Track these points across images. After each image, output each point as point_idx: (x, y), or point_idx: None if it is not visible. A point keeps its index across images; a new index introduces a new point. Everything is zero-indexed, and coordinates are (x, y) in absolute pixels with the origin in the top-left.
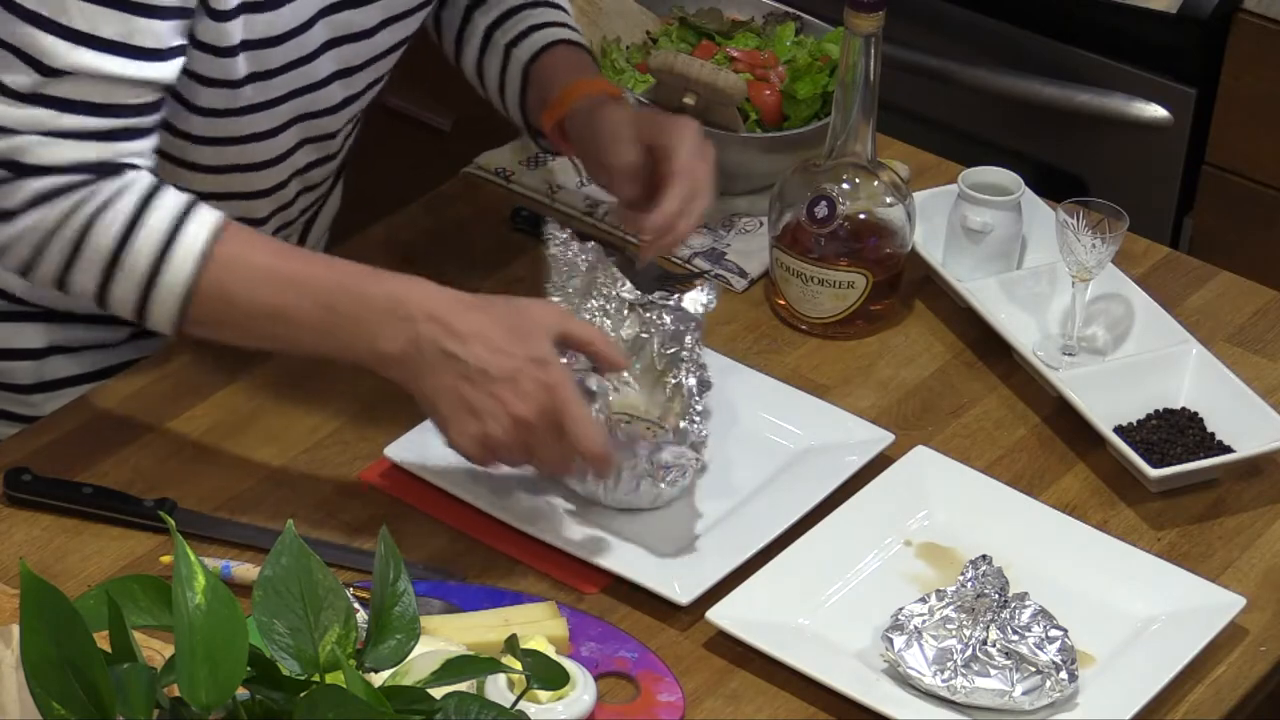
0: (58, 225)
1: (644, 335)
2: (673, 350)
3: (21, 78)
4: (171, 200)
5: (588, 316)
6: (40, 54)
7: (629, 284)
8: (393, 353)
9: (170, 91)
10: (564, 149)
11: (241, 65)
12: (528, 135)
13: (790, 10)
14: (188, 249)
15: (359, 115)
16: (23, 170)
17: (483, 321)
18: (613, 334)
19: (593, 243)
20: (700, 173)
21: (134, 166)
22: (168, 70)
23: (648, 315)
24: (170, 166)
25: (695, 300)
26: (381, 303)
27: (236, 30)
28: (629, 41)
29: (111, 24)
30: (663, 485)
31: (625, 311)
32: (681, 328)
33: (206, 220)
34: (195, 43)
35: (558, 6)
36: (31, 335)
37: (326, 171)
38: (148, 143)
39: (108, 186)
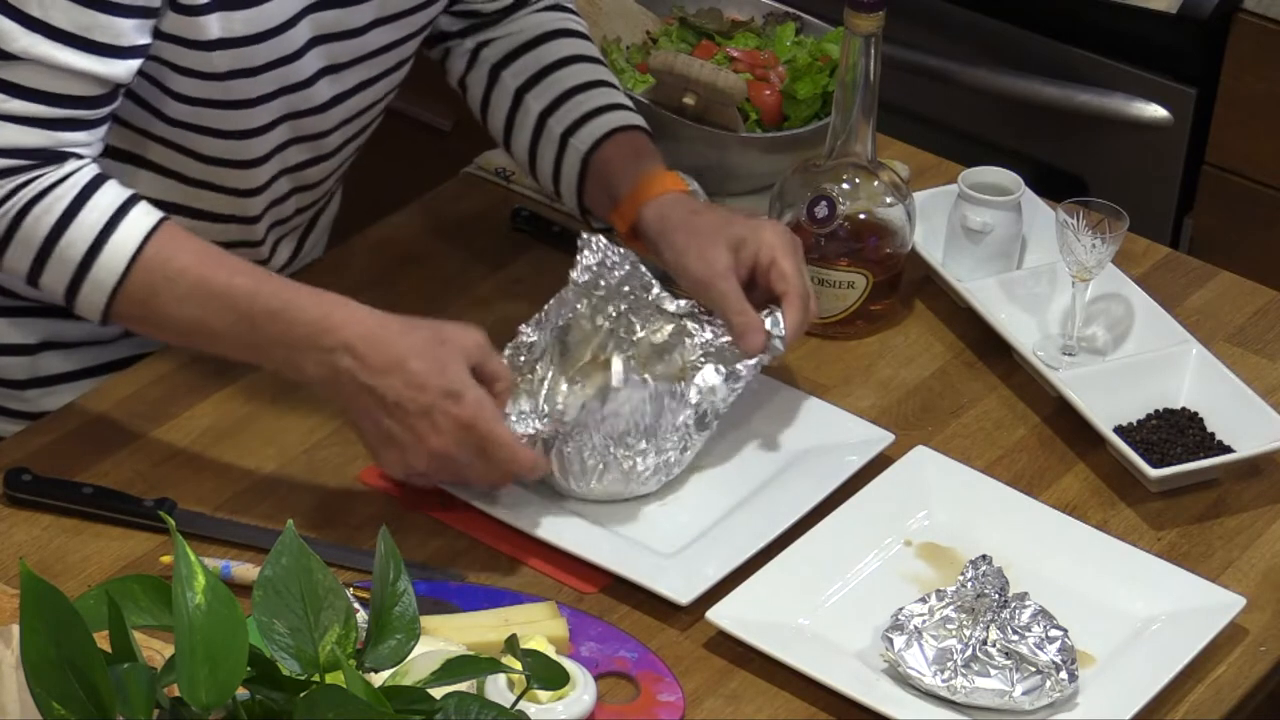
0: None
1: (672, 342)
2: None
3: None
4: (110, 195)
5: (609, 317)
6: None
7: (659, 289)
8: (315, 379)
9: (146, 77)
10: (636, 248)
11: (220, 60)
12: (581, 218)
13: (790, 10)
14: (119, 246)
15: (358, 118)
16: None
17: (399, 353)
18: (638, 335)
19: (624, 248)
20: (802, 282)
21: (77, 156)
22: (122, 67)
23: (690, 325)
24: (167, 150)
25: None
26: (302, 330)
27: (212, 26)
28: (629, 41)
29: (71, 15)
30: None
31: (656, 318)
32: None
33: (141, 219)
34: (164, 35)
35: (613, 86)
36: (24, 331)
37: (322, 172)
38: (94, 134)
39: (48, 174)
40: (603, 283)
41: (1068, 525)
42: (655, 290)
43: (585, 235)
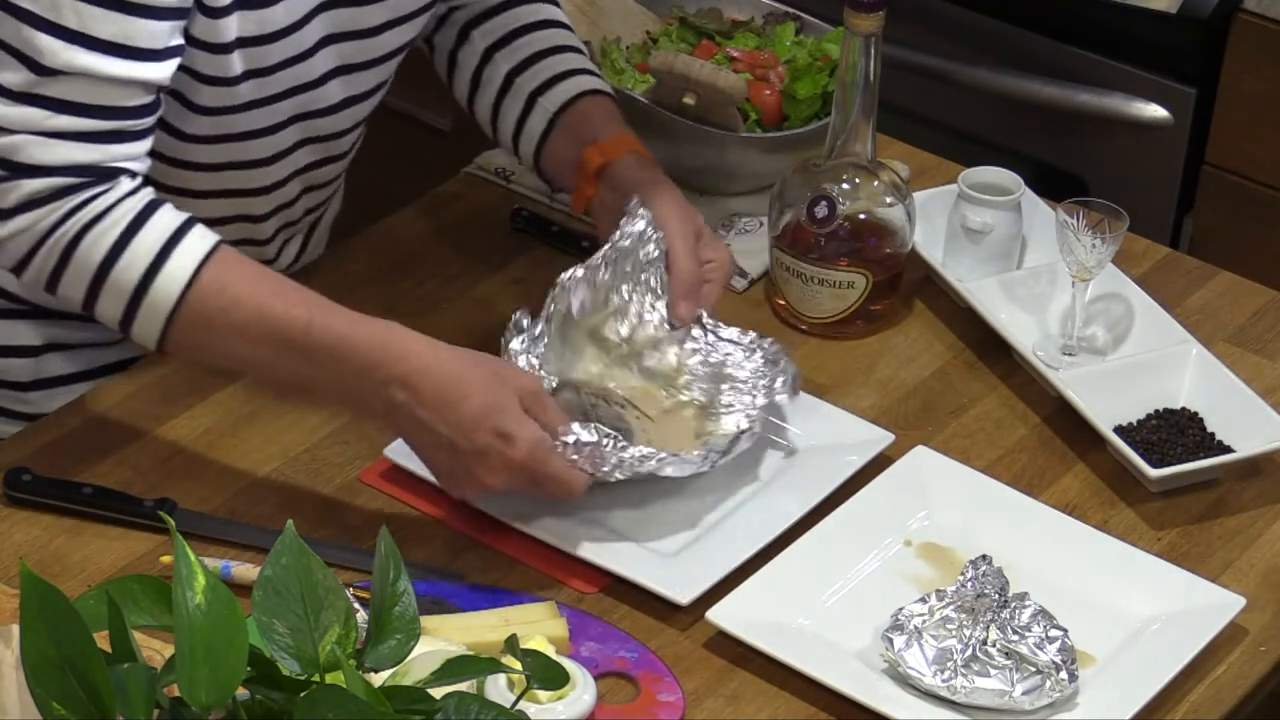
0: (50, 231)
1: (670, 339)
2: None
3: (15, 76)
4: (166, 218)
5: (623, 294)
6: (35, 53)
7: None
8: (373, 413)
9: (168, 91)
10: (590, 199)
11: (237, 62)
12: (539, 178)
13: (790, 10)
14: (175, 273)
15: (368, 120)
16: (17, 170)
17: (454, 392)
18: (650, 312)
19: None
20: (693, 268)
21: (129, 173)
22: (163, 70)
23: (693, 329)
24: (165, 166)
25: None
26: (357, 364)
27: (231, 27)
28: (629, 41)
29: (107, 24)
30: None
31: (666, 311)
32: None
33: (197, 244)
34: (191, 40)
35: (580, 52)
36: (28, 333)
37: (332, 173)
38: (142, 146)
39: (103, 196)
40: (631, 257)
41: (1068, 525)
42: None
43: (635, 201)
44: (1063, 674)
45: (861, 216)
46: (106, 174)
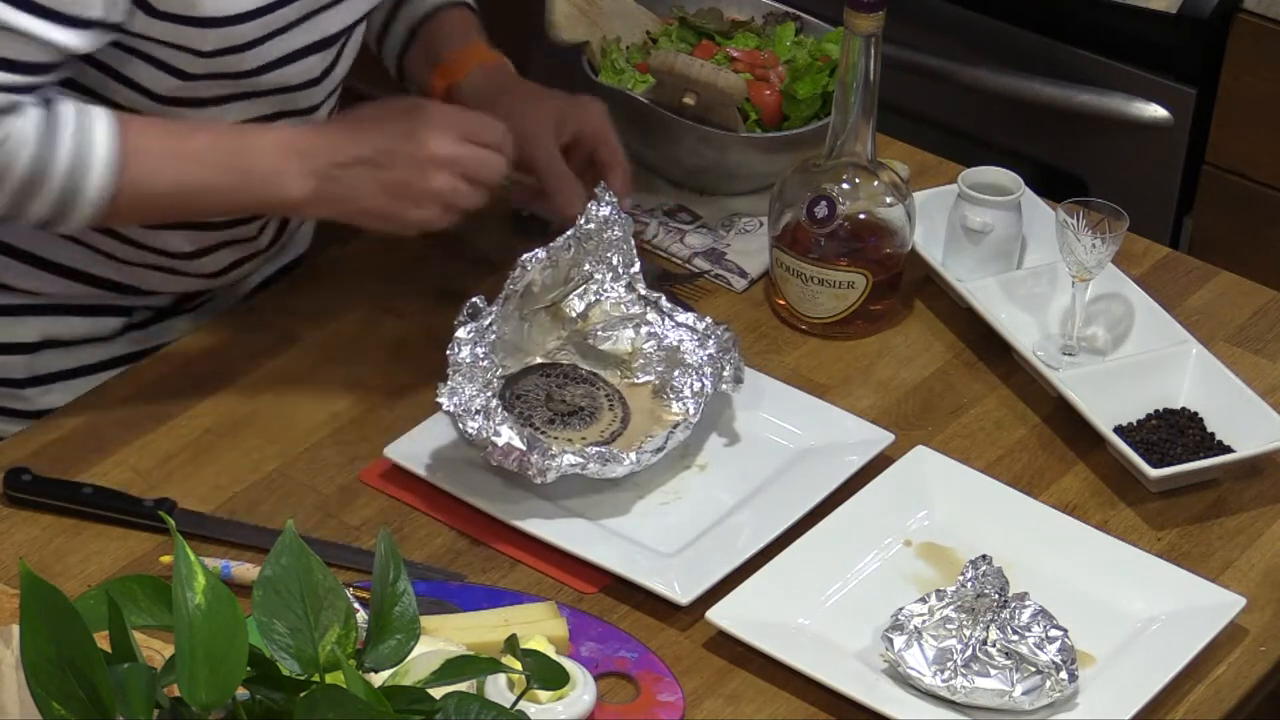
0: None
1: (631, 318)
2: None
3: None
4: (69, 113)
5: (584, 270)
6: None
7: (638, 267)
8: (304, 196)
9: (139, 60)
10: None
11: (213, 38)
12: (400, 84)
13: (790, 10)
14: (99, 160)
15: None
16: None
17: (366, 121)
18: (609, 290)
19: (630, 219)
20: (622, 152)
21: (19, 103)
22: (83, 40)
23: (650, 314)
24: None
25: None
26: (273, 151)
27: (205, 2)
28: (629, 41)
29: None
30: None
31: (623, 292)
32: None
33: (105, 125)
34: (160, 13)
35: None
36: (24, 329)
37: None
38: (52, 86)
39: (6, 123)
40: (595, 238)
41: (1068, 525)
42: (635, 268)
43: (603, 186)
44: (1063, 674)
45: (861, 216)
46: (8, 109)
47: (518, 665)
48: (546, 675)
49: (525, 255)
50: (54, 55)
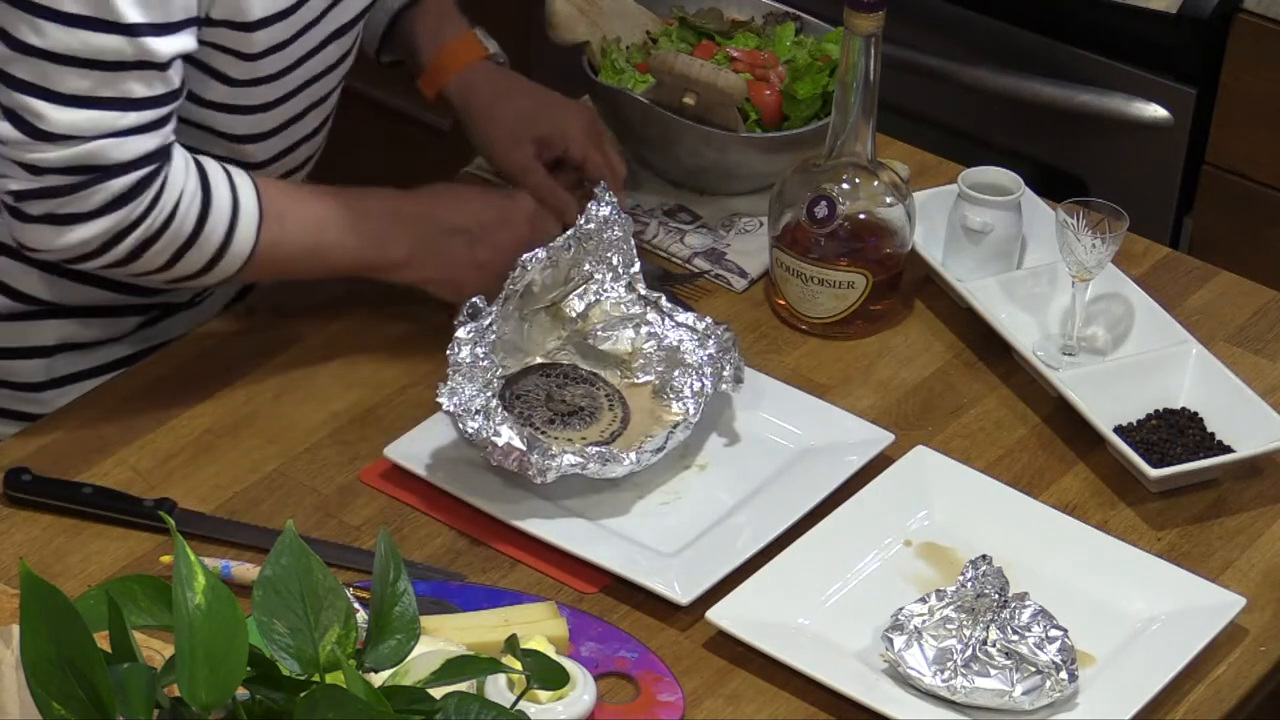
0: (140, 219)
1: (631, 319)
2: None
3: (82, 81)
4: (217, 171)
5: (584, 270)
6: (97, 54)
7: (639, 267)
8: (405, 258)
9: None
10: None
11: (261, 39)
12: (379, 66)
13: (790, 10)
14: (247, 218)
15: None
16: (104, 173)
17: (460, 194)
18: (608, 295)
19: (630, 219)
20: (612, 161)
21: (173, 143)
22: (189, 41)
23: (650, 314)
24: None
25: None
26: (383, 216)
27: (255, 6)
28: (629, 41)
29: (147, 8)
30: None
31: (623, 292)
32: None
33: (247, 183)
34: (212, 20)
35: None
36: (42, 333)
37: (320, 142)
38: (175, 118)
39: (171, 177)
40: (595, 238)
41: (1068, 525)
42: (635, 268)
43: (603, 186)
44: (1063, 674)
45: (861, 216)
46: (166, 153)
47: (518, 665)
48: (546, 675)
49: (525, 255)
50: (176, 75)
